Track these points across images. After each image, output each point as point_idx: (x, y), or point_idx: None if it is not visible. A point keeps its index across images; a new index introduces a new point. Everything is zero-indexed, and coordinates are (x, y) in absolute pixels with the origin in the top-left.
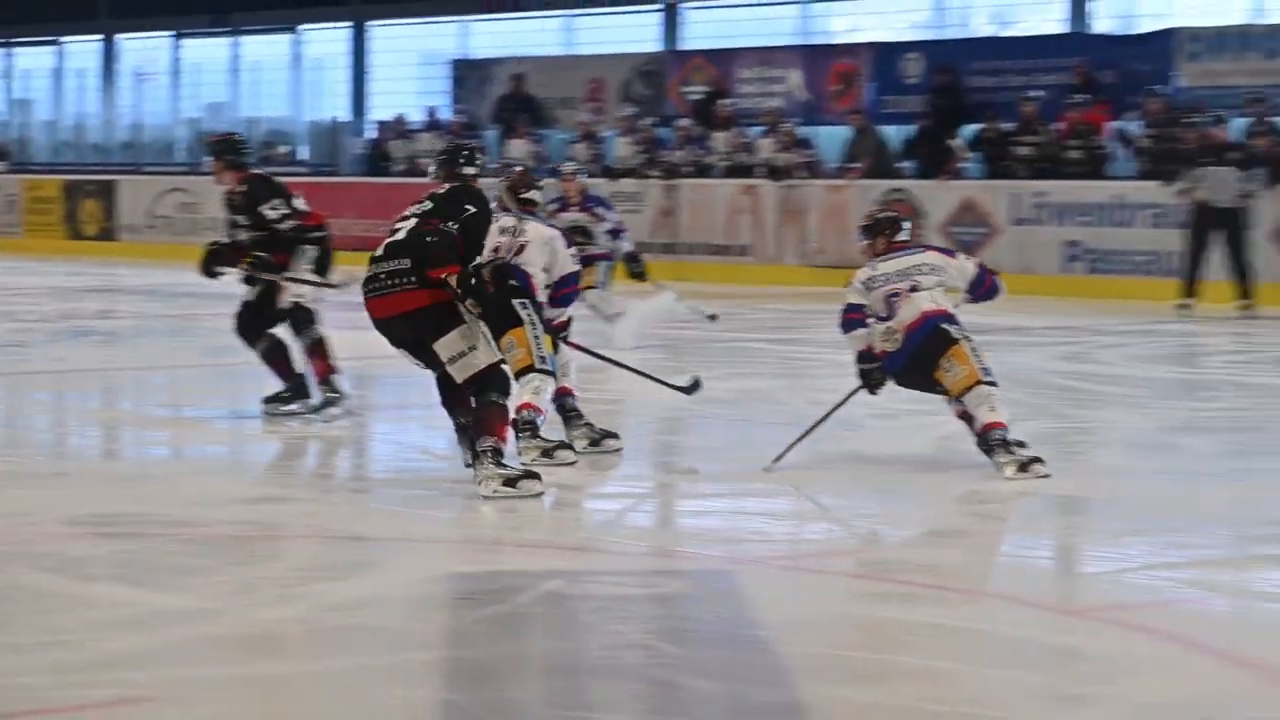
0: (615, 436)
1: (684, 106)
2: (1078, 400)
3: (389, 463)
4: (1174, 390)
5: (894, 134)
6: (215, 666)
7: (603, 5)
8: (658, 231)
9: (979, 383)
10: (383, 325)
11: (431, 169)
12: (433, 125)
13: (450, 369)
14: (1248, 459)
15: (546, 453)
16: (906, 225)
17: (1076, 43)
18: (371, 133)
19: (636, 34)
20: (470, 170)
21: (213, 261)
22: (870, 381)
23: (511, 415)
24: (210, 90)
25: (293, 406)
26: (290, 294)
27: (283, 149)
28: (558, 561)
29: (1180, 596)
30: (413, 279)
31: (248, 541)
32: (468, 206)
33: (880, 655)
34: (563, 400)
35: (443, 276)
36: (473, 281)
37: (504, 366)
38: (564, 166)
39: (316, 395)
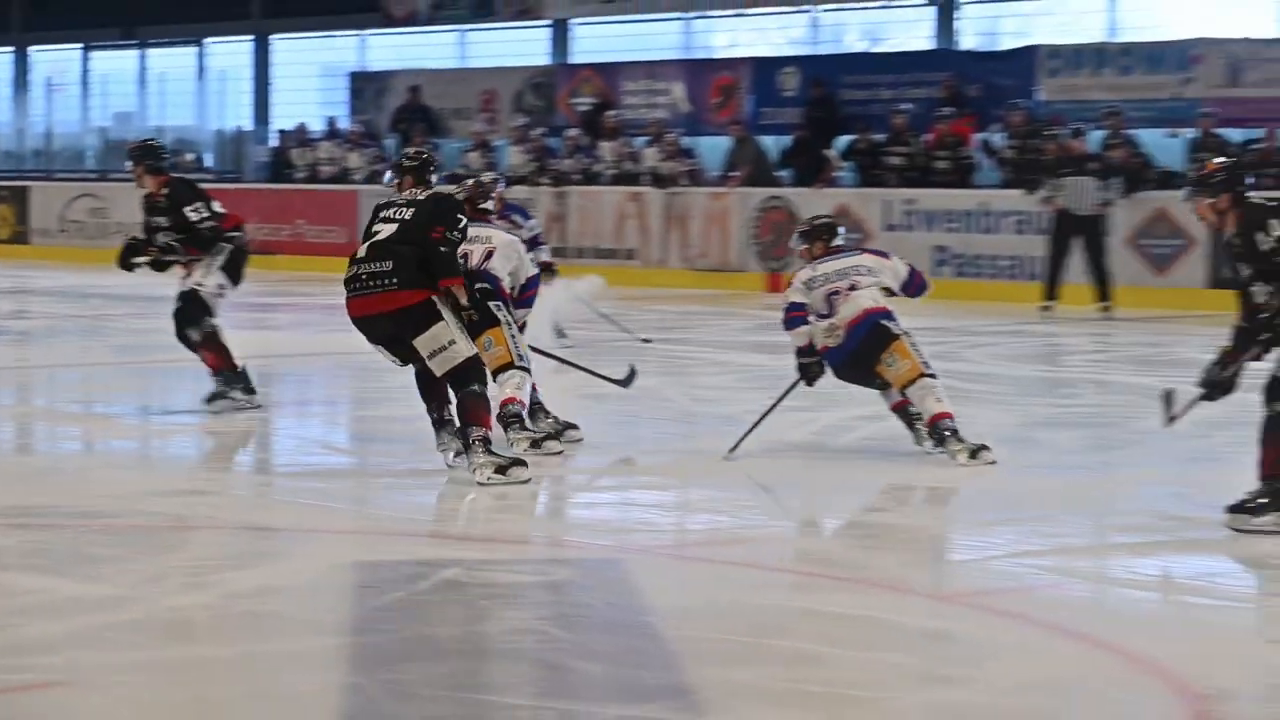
0: (575, 427)
1: (573, 117)
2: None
3: (292, 456)
4: (1037, 388)
5: (772, 144)
6: (128, 652)
7: (495, 21)
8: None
9: (922, 375)
10: (362, 323)
11: (393, 176)
12: (332, 134)
13: (431, 363)
14: (1106, 453)
15: (535, 443)
16: (841, 230)
17: (944, 59)
18: (274, 141)
19: (527, 48)
20: (434, 180)
21: (130, 254)
22: (808, 374)
23: (495, 411)
24: (119, 100)
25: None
26: (191, 282)
27: (189, 156)
28: (455, 551)
29: (1042, 583)
30: (394, 280)
31: (158, 532)
32: (459, 216)
33: (759, 640)
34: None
35: (451, 287)
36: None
37: (481, 359)
38: (484, 176)
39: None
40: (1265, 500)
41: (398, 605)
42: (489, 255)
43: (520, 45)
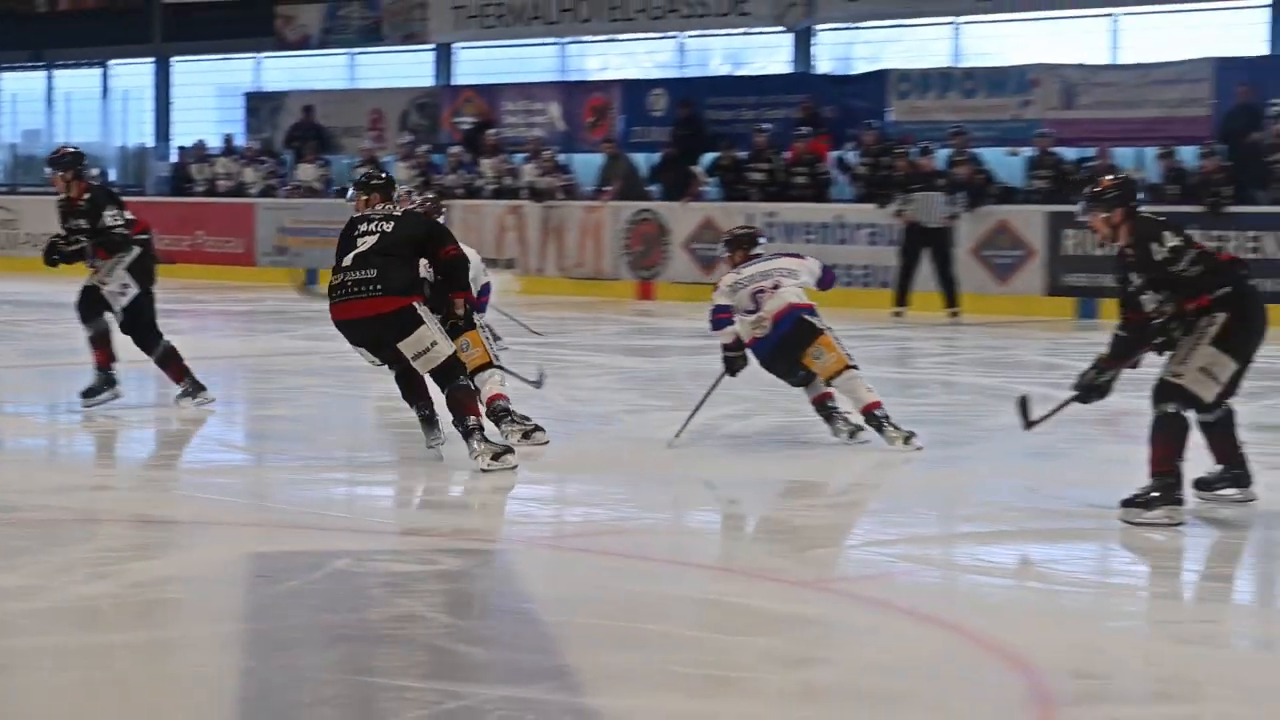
0: (541, 430)
1: (456, 135)
2: (803, 396)
3: (193, 453)
4: (890, 388)
5: (643, 161)
6: (38, 637)
7: (383, 44)
8: None
9: (848, 367)
10: (345, 326)
11: (355, 193)
12: (229, 151)
13: (416, 364)
14: (954, 448)
15: (526, 434)
16: (762, 241)
17: (801, 82)
18: (174, 157)
19: (413, 70)
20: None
21: (52, 251)
22: (733, 367)
23: (483, 409)
24: (27, 118)
25: (103, 396)
26: (95, 279)
27: (95, 171)
28: (346, 542)
29: (895, 569)
30: (379, 286)
31: (66, 525)
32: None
33: (633, 624)
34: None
35: (459, 300)
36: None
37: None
38: (428, 194)
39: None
40: (1156, 494)
41: (292, 594)
42: None
43: (406, 67)
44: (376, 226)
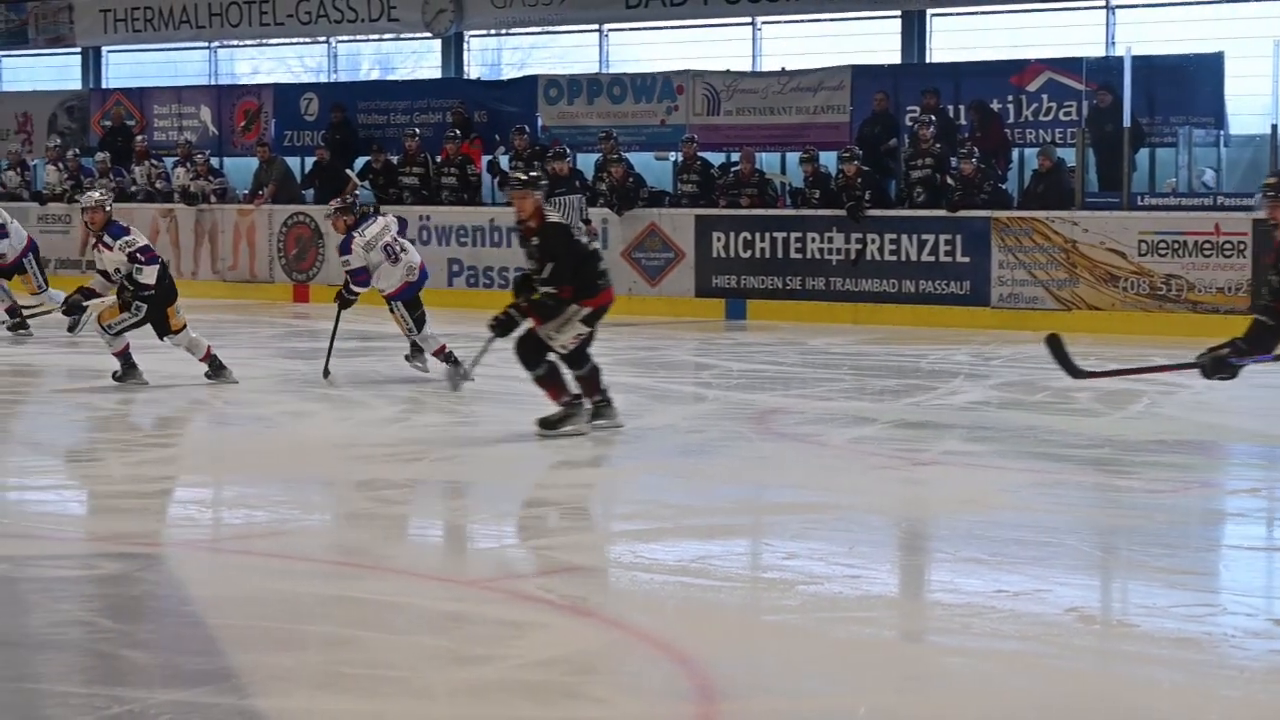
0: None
1: (105, 138)
2: (464, 398)
3: None
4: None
5: (296, 164)
6: None
7: (29, 47)
8: (84, 250)
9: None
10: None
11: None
12: None
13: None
14: (611, 448)
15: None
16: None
17: (453, 87)
18: None
19: (61, 73)
20: None
21: None
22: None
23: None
24: None
25: None
26: None
27: None
28: (2, 547)
29: (557, 567)
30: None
31: None
32: None
33: (296, 625)
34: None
35: None
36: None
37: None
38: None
39: None
40: (564, 415)
41: None
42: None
43: (54, 70)
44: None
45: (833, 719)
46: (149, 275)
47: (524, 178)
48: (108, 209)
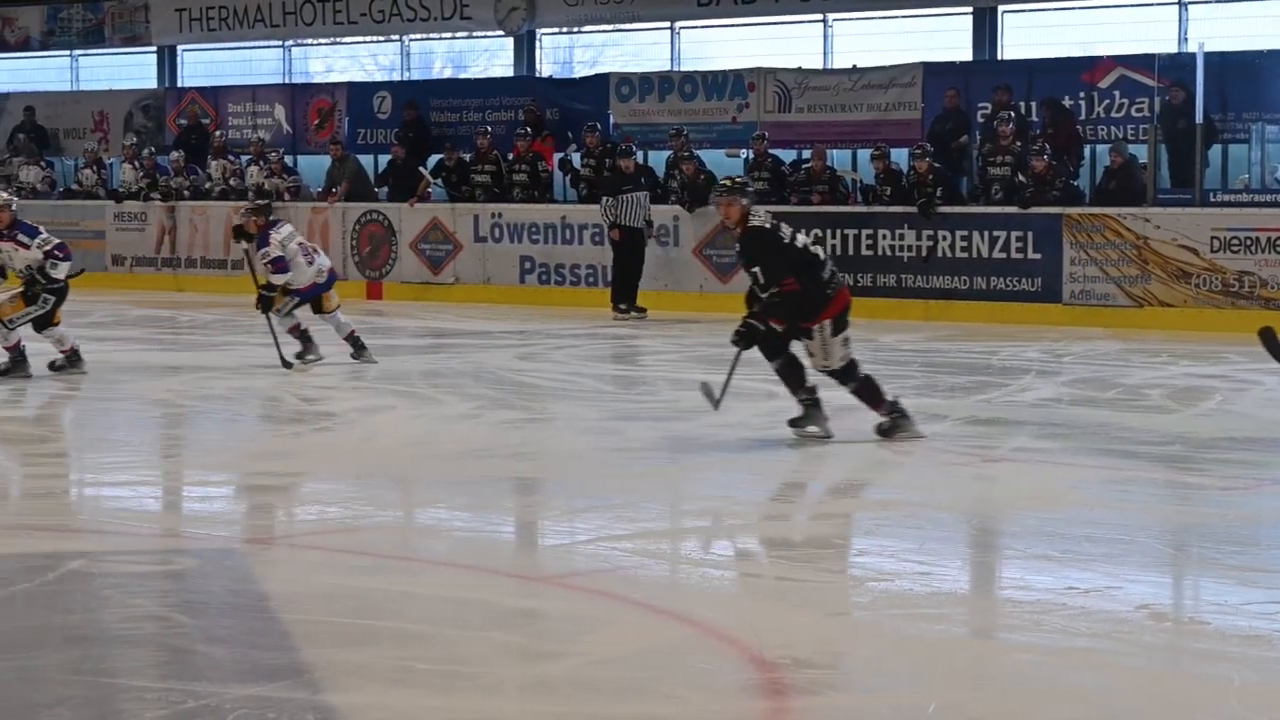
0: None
1: (181, 136)
2: (535, 394)
3: None
4: (616, 385)
5: (369, 162)
6: None
7: (105, 46)
8: (159, 248)
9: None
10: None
11: None
12: None
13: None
14: (681, 443)
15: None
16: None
17: (524, 85)
18: None
19: (137, 72)
20: None
21: None
22: (266, 305)
23: None
24: None
25: None
26: None
27: None
28: (79, 544)
29: (626, 564)
30: None
31: None
32: None
33: (368, 621)
34: None
35: None
36: None
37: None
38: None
39: None
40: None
41: (26, 596)
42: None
43: (130, 69)
44: None
45: (902, 716)
46: (62, 270)
47: (730, 184)
48: (14, 208)
